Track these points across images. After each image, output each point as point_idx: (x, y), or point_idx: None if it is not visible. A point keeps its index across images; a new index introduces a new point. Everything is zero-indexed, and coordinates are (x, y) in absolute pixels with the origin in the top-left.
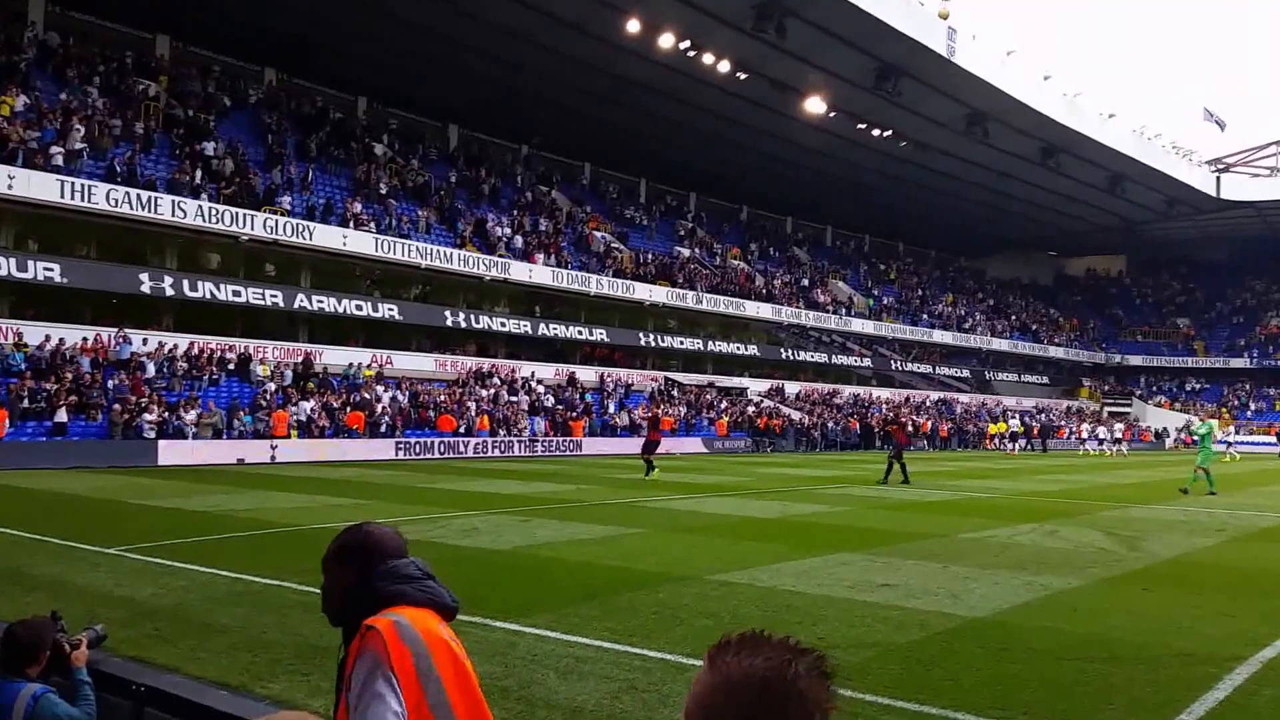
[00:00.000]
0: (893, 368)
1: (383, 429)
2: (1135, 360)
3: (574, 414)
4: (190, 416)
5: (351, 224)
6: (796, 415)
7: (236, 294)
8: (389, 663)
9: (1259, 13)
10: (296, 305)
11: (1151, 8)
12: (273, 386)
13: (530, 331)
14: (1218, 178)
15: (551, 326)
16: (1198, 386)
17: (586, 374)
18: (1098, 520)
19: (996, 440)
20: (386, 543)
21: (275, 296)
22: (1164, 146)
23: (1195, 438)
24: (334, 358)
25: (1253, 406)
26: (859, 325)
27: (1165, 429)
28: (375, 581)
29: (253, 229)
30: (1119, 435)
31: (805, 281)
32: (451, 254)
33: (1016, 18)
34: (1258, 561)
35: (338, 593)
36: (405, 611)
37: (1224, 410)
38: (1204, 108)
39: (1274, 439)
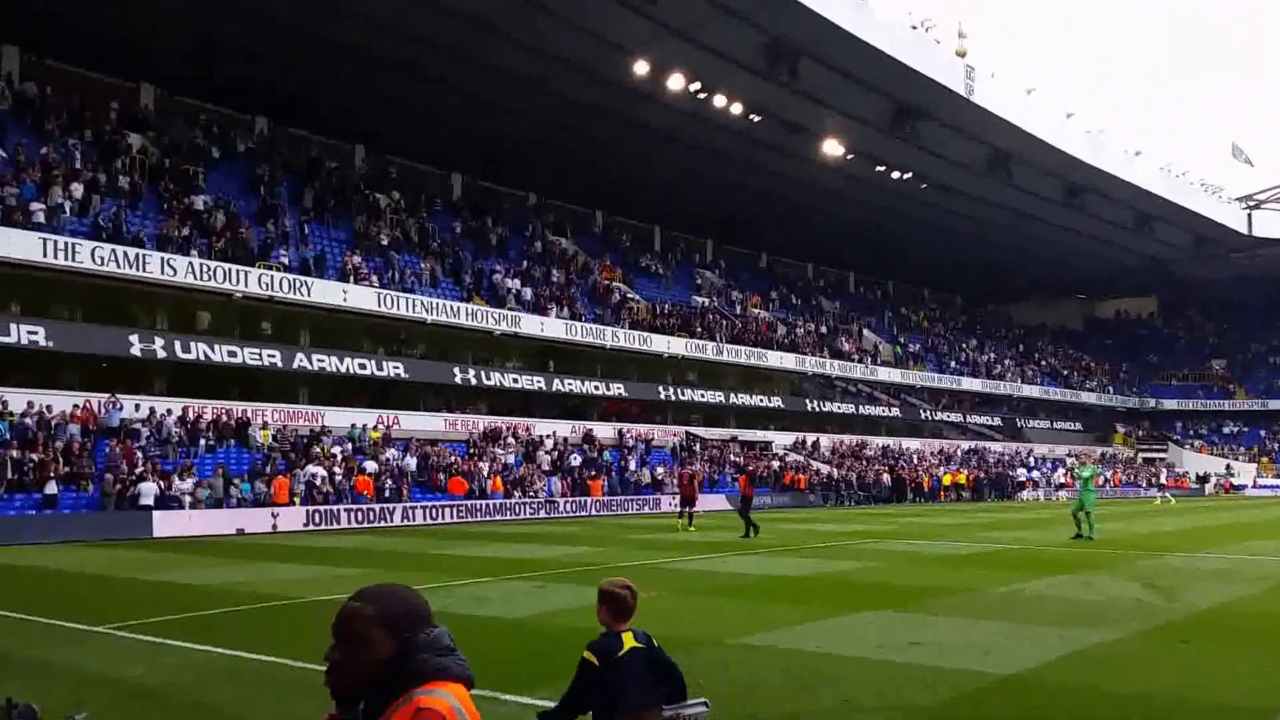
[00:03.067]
0: (922, 417)
1: (388, 493)
2: (1170, 404)
3: (592, 473)
4: (186, 485)
5: (351, 278)
6: (825, 469)
7: (232, 354)
8: None
9: None
10: (296, 365)
11: (1174, 42)
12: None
13: (544, 387)
14: (1249, 215)
15: (566, 382)
16: (1235, 430)
17: (604, 430)
18: (1134, 570)
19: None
20: (425, 609)
21: (273, 356)
22: (1192, 183)
23: (1077, 481)
24: (337, 419)
25: None
26: (886, 374)
27: (1206, 474)
28: (419, 654)
29: (247, 285)
30: (1062, 481)
31: (826, 329)
32: (459, 308)
33: (1036, 55)
34: None
35: (369, 664)
36: (450, 689)
37: (1258, 455)
38: (1232, 144)
39: None
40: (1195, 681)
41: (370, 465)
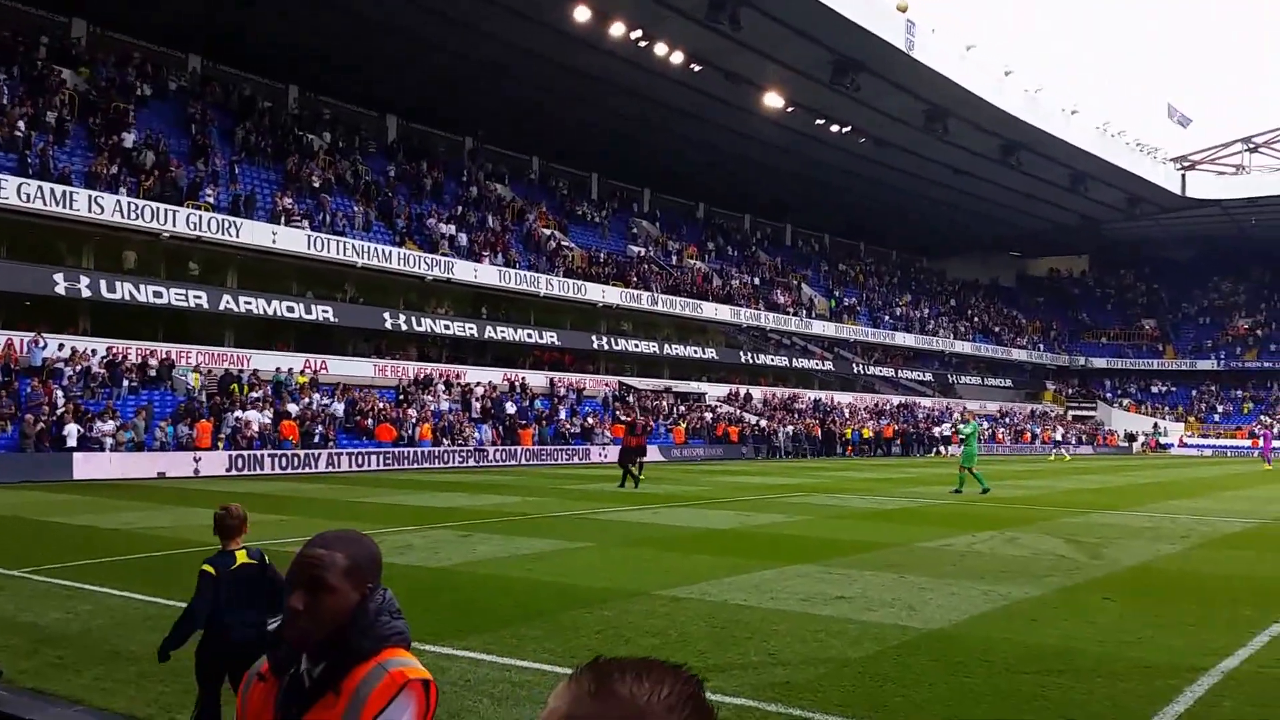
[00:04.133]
0: (854, 371)
1: (316, 439)
2: (1100, 363)
3: (523, 422)
4: (108, 427)
5: (282, 220)
6: (764, 423)
7: (158, 295)
8: None
9: (1223, 8)
10: (222, 307)
11: (1114, 3)
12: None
13: (476, 334)
14: (1183, 176)
15: (499, 329)
16: (1164, 389)
17: (536, 379)
18: (1059, 527)
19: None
20: (381, 556)
21: (199, 297)
22: (1127, 144)
23: (961, 437)
24: (263, 362)
25: (1220, 409)
26: (820, 327)
27: (1134, 433)
28: (379, 614)
29: (174, 225)
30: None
31: (759, 281)
32: (391, 252)
33: (976, 12)
34: (1222, 568)
35: (336, 615)
36: (413, 658)
37: (1190, 416)
38: (1168, 104)
39: (1245, 442)
40: (1117, 638)
41: (294, 409)
